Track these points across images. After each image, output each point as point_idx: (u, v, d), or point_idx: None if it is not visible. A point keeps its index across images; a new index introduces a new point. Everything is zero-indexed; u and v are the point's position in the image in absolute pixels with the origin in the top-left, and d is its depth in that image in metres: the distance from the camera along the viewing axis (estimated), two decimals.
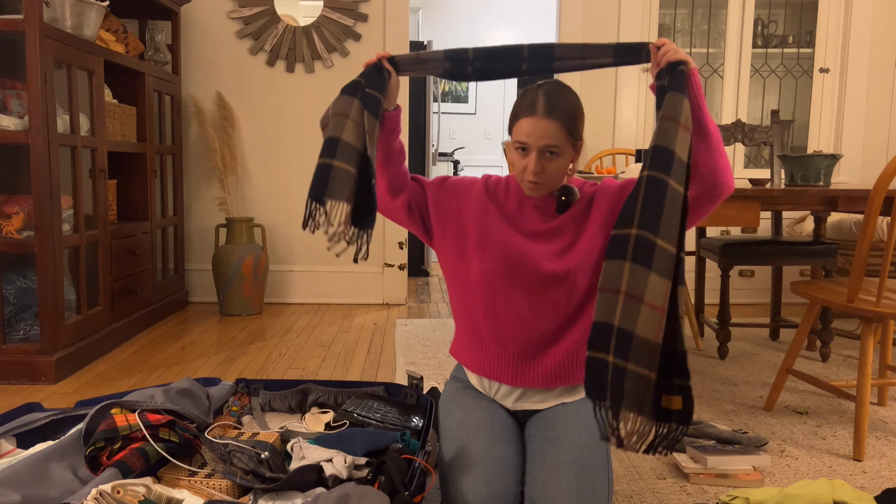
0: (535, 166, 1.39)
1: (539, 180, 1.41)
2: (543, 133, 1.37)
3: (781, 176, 2.87)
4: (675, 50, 1.30)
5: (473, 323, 1.53)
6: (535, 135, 1.38)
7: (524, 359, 1.50)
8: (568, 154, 1.41)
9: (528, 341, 1.48)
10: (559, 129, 1.37)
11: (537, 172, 1.39)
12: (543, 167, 1.40)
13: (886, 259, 1.85)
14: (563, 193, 1.47)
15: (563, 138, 1.38)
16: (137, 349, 2.98)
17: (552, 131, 1.37)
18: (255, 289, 3.67)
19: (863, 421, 1.92)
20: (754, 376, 2.68)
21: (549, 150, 1.38)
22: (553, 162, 1.40)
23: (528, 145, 1.39)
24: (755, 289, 4.15)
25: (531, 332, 1.48)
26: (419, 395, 1.83)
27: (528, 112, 1.39)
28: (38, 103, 2.40)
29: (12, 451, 1.59)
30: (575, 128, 1.40)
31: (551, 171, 1.40)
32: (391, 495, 1.25)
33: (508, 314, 1.48)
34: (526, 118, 1.39)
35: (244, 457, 1.41)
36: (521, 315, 1.47)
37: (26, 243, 2.47)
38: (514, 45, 1.41)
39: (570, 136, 1.39)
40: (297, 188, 3.96)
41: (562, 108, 1.38)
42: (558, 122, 1.37)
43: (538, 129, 1.37)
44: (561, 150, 1.39)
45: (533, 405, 1.53)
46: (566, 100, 1.39)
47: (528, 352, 1.49)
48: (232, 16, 3.83)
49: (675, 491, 1.72)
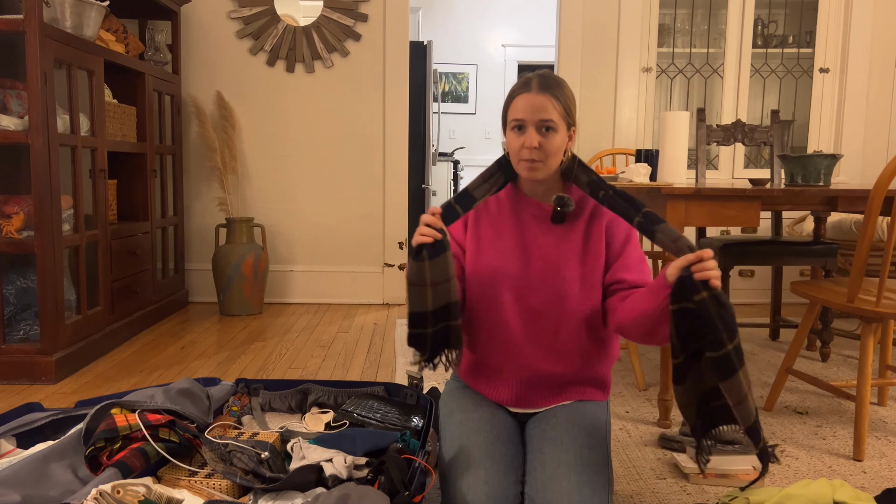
0: (533, 140, 1.39)
1: (537, 157, 1.40)
2: (539, 107, 1.38)
3: (781, 176, 2.87)
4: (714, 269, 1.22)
5: (477, 342, 1.53)
6: (531, 109, 1.39)
7: (524, 383, 1.50)
8: (563, 133, 1.42)
9: (527, 364, 1.48)
10: (555, 103, 1.39)
11: (535, 147, 1.39)
12: (541, 143, 1.40)
13: (886, 259, 1.85)
14: (558, 203, 1.46)
15: (559, 114, 1.40)
16: (137, 349, 2.98)
17: (548, 105, 1.38)
18: (255, 289, 3.67)
19: (863, 421, 1.92)
20: (754, 376, 2.68)
21: (545, 124, 1.39)
22: (550, 138, 1.40)
23: (524, 121, 1.40)
24: (755, 289, 4.15)
25: (528, 352, 1.47)
26: (419, 395, 1.83)
27: (522, 90, 1.41)
28: (38, 103, 2.40)
29: (12, 451, 1.59)
30: (569, 107, 1.42)
31: (549, 147, 1.40)
32: (391, 495, 1.25)
33: (504, 332, 1.48)
34: (521, 95, 1.40)
35: (244, 457, 1.41)
36: (516, 334, 1.47)
37: (26, 243, 2.47)
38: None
39: (565, 114, 1.41)
40: (298, 188, 3.96)
41: (556, 86, 1.40)
42: (553, 96, 1.39)
43: (533, 103, 1.38)
44: (557, 126, 1.40)
45: (533, 409, 1.53)
46: (560, 82, 1.42)
47: (528, 375, 1.49)
48: (232, 16, 3.83)
49: (675, 491, 1.72)
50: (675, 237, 1.31)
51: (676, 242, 1.30)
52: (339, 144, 3.95)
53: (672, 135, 2.49)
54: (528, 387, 1.50)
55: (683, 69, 4.15)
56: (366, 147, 3.96)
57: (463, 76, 6.84)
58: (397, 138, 3.95)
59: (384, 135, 3.95)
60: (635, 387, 2.54)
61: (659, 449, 1.98)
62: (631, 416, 2.24)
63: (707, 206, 2.07)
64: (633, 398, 2.42)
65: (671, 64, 4.13)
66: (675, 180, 2.50)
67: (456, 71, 6.83)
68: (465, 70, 6.83)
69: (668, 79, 4.16)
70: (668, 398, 2.14)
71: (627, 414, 2.26)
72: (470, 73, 6.84)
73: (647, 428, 2.14)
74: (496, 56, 6.83)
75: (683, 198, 2.06)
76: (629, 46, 3.97)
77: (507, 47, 6.82)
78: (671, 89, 4.19)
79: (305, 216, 3.98)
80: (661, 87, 4.18)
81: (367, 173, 3.98)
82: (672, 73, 4.14)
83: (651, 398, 2.41)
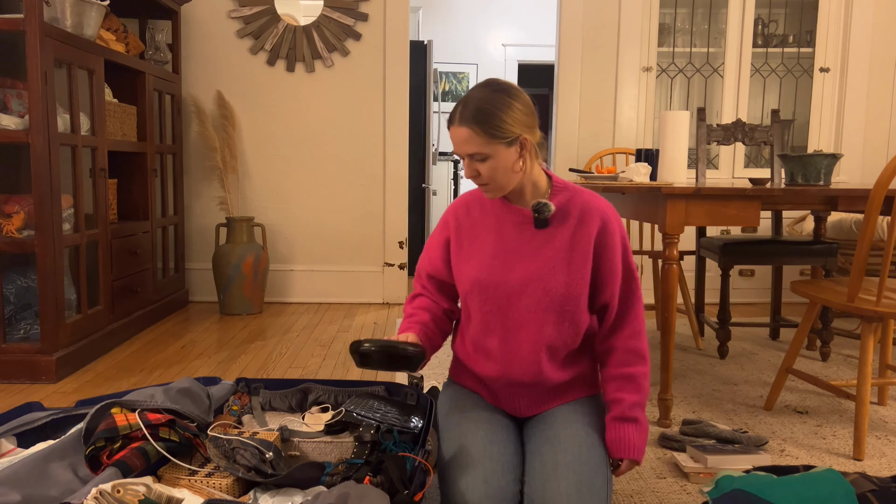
0: (468, 171, 1.40)
1: (480, 183, 1.41)
2: (461, 140, 1.37)
3: (781, 175, 2.87)
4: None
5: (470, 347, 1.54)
6: (456, 143, 1.39)
7: (515, 394, 1.51)
8: (502, 154, 1.36)
9: (515, 373, 1.47)
10: (472, 134, 1.35)
11: (473, 177, 1.40)
12: (478, 171, 1.39)
13: (886, 259, 1.85)
14: (536, 209, 1.43)
15: (481, 142, 1.35)
16: (138, 348, 2.98)
17: (466, 137, 1.36)
18: (255, 288, 3.67)
19: (863, 420, 1.92)
20: (754, 376, 2.68)
21: (473, 155, 1.38)
22: (486, 165, 1.38)
23: (458, 154, 1.41)
24: (755, 288, 4.15)
25: (516, 361, 1.47)
26: (419, 395, 1.83)
27: (449, 121, 1.40)
28: (39, 102, 2.40)
29: (12, 450, 1.59)
30: (494, 127, 1.34)
31: (488, 173, 1.38)
32: (391, 494, 1.26)
33: (489, 341, 1.48)
34: (450, 128, 1.40)
35: (247, 453, 1.42)
36: (502, 344, 1.47)
37: (27, 242, 2.47)
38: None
39: (490, 138, 1.35)
40: (298, 187, 3.96)
41: (473, 111, 1.35)
42: (469, 128, 1.35)
43: (456, 137, 1.38)
44: (486, 154, 1.36)
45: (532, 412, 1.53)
46: (480, 101, 1.35)
47: (517, 385, 1.49)
48: (232, 15, 3.83)
49: (675, 490, 1.72)
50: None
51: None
52: (339, 144, 3.95)
53: (672, 134, 2.49)
54: (518, 396, 1.50)
55: (684, 68, 4.15)
56: (366, 146, 3.96)
57: (463, 76, 6.85)
58: (397, 138, 3.95)
59: (384, 134, 3.95)
60: None
61: (659, 448, 1.98)
62: None
63: (707, 206, 2.07)
64: None
65: (671, 63, 4.13)
66: (676, 180, 2.50)
67: (456, 70, 6.83)
68: (465, 69, 6.83)
69: (668, 78, 4.16)
70: (668, 398, 2.14)
71: None
72: (470, 73, 6.84)
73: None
74: (496, 55, 6.83)
75: (683, 197, 2.06)
76: (629, 46, 3.97)
77: (508, 47, 6.82)
78: (671, 89, 4.19)
79: (306, 215, 3.98)
80: (662, 87, 4.18)
81: (368, 173, 3.98)
82: (672, 72, 4.14)
83: (651, 398, 2.41)
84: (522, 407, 1.51)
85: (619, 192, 2.34)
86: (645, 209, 2.29)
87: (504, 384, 1.49)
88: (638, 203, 2.36)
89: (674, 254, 2.10)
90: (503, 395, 1.51)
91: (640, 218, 2.35)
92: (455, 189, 5.79)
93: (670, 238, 2.10)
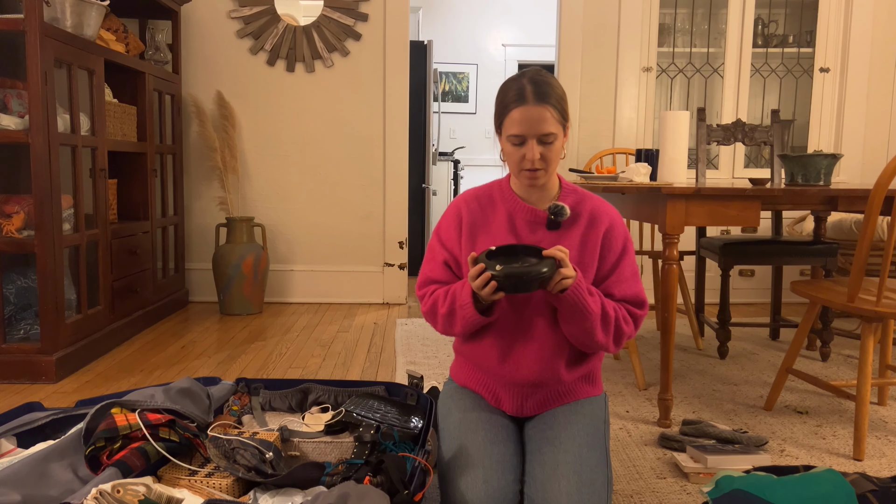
0: (535, 153, 1.38)
1: (540, 166, 1.40)
2: (538, 120, 1.36)
3: (781, 175, 2.87)
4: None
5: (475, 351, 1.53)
6: (529, 123, 1.36)
7: (519, 394, 1.50)
8: (562, 138, 1.41)
9: (521, 375, 1.47)
10: (552, 112, 1.37)
11: (534, 160, 1.38)
12: (543, 154, 1.39)
13: (886, 259, 1.85)
14: (553, 212, 1.44)
15: (557, 122, 1.38)
16: (138, 348, 2.98)
17: (546, 116, 1.36)
18: (255, 288, 3.67)
19: (863, 420, 1.92)
20: (754, 376, 2.68)
21: (546, 138, 1.38)
22: (551, 148, 1.39)
23: (524, 135, 1.38)
24: (755, 288, 4.15)
25: (522, 363, 1.47)
26: (419, 395, 1.83)
27: (517, 102, 1.37)
28: (39, 103, 2.40)
29: (12, 450, 1.59)
30: (564, 109, 1.40)
31: (550, 157, 1.40)
32: (391, 494, 1.26)
33: (497, 343, 1.48)
34: (517, 108, 1.37)
35: (247, 453, 1.42)
36: (509, 346, 1.47)
37: (27, 243, 2.47)
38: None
39: (561, 118, 1.39)
40: (298, 188, 3.96)
41: (551, 92, 1.38)
42: (551, 106, 1.37)
43: (531, 116, 1.36)
44: (556, 135, 1.39)
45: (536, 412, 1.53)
46: (552, 83, 1.39)
47: (522, 385, 1.49)
48: (232, 15, 3.83)
49: (675, 490, 1.72)
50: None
51: None
52: (339, 144, 3.95)
53: (672, 134, 2.49)
54: (526, 396, 1.50)
55: (684, 69, 4.15)
56: (366, 147, 3.96)
57: (463, 76, 6.84)
58: (397, 138, 3.95)
59: (384, 134, 3.95)
60: (635, 386, 2.54)
61: (659, 448, 1.98)
62: (631, 416, 2.24)
63: (707, 206, 2.07)
64: (633, 398, 2.42)
65: (671, 63, 4.13)
66: (676, 180, 2.50)
67: (456, 70, 6.83)
68: (465, 69, 6.83)
69: (668, 78, 4.16)
70: (668, 398, 2.14)
71: (627, 413, 2.26)
72: (470, 73, 6.84)
73: (647, 427, 2.14)
74: (496, 55, 6.83)
75: (684, 197, 2.06)
76: (629, 46, 3.97)
77: (508, 47, 6.82)
78: (671, 89, 4.19)
79: (306, 216, 3.98)
80: (662, 87, 4.18)
81: (368, 173, 3.98)
82: (672, 72, 4.14)
83: (651, 398, 2.41)
84: (528, 407, 1.51)
85: (619, 192, 2.34)
86: (645, 209, 2.29)
87: (511, 384, 1.49)
88: (638, 203, 2.36)
89: (674, 254, 2.10)
90: (508, 395, 1.51)
91: (641, 218, 2.35)
92: (455, 189, 5.79)
93: (670, 238, 2.10)
